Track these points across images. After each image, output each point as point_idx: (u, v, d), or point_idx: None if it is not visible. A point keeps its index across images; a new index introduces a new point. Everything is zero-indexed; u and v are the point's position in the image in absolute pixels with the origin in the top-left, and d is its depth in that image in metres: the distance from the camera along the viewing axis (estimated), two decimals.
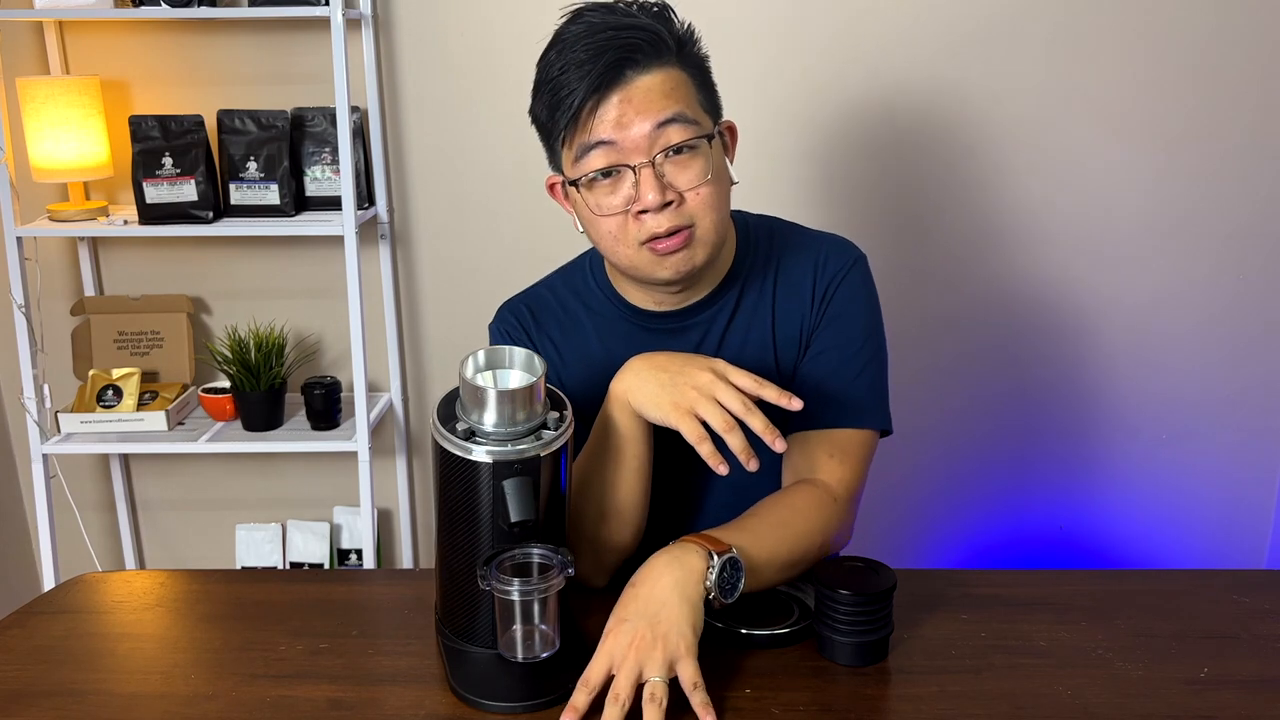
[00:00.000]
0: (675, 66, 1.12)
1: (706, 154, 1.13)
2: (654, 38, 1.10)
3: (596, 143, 1.11)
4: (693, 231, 1.13)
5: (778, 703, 0.98)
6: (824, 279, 1.25)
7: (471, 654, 1.02)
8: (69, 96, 2.01)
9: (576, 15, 1.13)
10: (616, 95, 1.10)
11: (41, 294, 2.13)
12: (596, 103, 1.10)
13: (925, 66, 2.08)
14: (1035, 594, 1.18)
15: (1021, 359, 2.24)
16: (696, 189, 1.12)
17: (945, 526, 2.35)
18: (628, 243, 1.14)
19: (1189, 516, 2.31)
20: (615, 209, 1.13)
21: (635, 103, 1.09)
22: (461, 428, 0.96)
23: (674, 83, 1.11)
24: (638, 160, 1.10)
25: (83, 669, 1.07)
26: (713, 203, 1.13)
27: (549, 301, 1.31)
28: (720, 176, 1.14)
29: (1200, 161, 2.12)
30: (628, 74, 1.10)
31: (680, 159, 1.11)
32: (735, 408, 1.04)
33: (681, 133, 1.11)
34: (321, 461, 2.33)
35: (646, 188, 1.10)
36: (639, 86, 1.10)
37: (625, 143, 1.10)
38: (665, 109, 1.10)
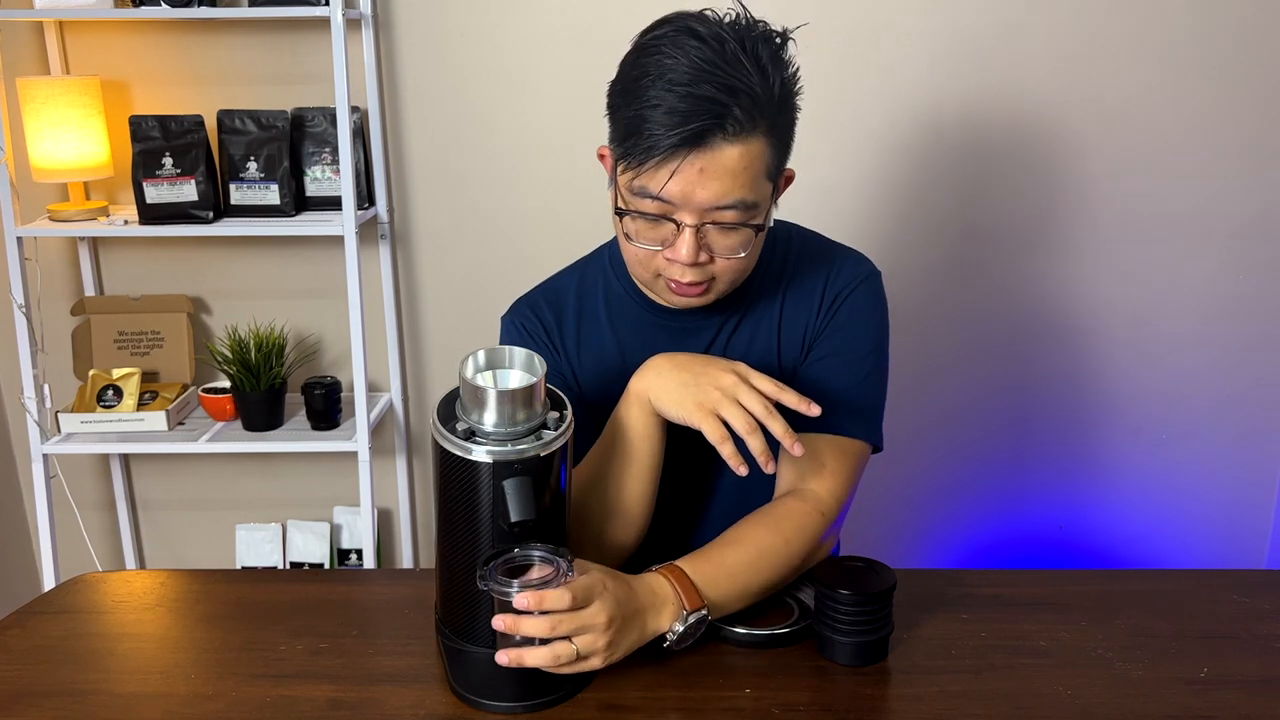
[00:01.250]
0: (762, 136, 1.07)
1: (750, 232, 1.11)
2: (753, 103, 1.04)
3: (656, 196, 1.08)
4: (712, 284, 1.15)
5: (778, 703, 0.98)
6: (834, 288, 1.25)
7: (471, 654, 1.02)
8: (69, 96, 2.01)
9: (685, 37, 1.05)
10: (697, 161, 1.05)
11: (42, 294, 2.13)
12: (672, 158, 1.06)
13: (925, 68, 2.08)
14: (1035, 594, 1.18)
15: (1021, 359, 2.24)
16: (731, 259, 1.12)
17: (945, 526, 2.35)
18: (648, 269, 1.15)
19: (1189, 516, 2.31)
20: (650, 244, 1.13)
21: (708, 173, 1.05)
22: (461, 428, 0.96)
23: (751, 157, 1.06)
24: (685, 220, 1.09)
25: (83, 669, 1.07)
26: (741, 267, 1.14)
27: (567, 296, 1.30)
28: (762, 239, 1.14)
29: (1200, 161, 2.12)
30: (714, 142, 1.04)
31: (725, 229, 1.10)
32: (758, 410, 1.04)
33: (735, 217, 1.09)
34: (321, 461, 2.33)
35: (683, 246, 1.10)
36: (719, 158, 1.05)
37: (683, 205, 1.08)
38: (731, 192, 1.06)
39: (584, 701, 0.99)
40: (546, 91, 2.12)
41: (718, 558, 1.10)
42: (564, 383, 1.28)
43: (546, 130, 2.14)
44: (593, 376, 1.27)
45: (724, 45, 1.04)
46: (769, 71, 1.06)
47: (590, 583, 0.99)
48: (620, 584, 1.02)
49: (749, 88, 1.04)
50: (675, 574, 1.07)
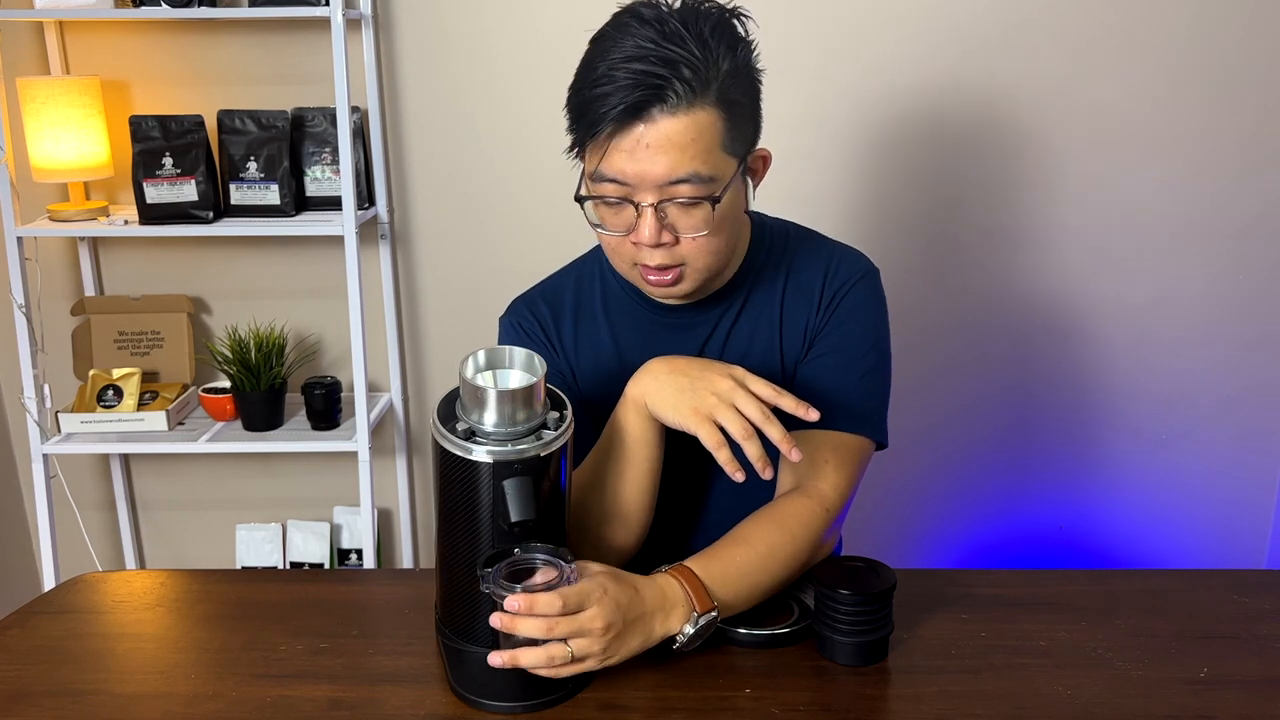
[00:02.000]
0: (709, 107, 1.07)
1: (718, 205, 1.11)
2: (695, 74, 1.05)
3: (610, 178, 1.10)
4: (683, 270, 1.15)
5: (778, 703, 0.98)
6: (833, 284, 1.25)
7: (471, 654, 1.02)
8: (69, 96, 2.01)
9: (628, 18, 1.09)
10: (637, 135, 1.06)
11: (42, 294, 2.13)
12: (616, 132, 1.07)
13: (926, 68, 2.08)
14: (1035, 594, 1.18)
15: (1021, 359, 2.24)
16: (694, 237, 1.12)
17: (945, 526, 2.35)
18: (622, 259, 1.17)
19: (1189, 516, 2.31)
20: (616, 230, 1.14)
21: (654, 148, 1.07)
22: (461, 428, 0.96)
23: (699, 129, 1.07)
24: (643, 200, 1.09)
25: (83, 669, 1.07)
26: (708, 249, 1.13)
27: (564, 295, 1.30)
28: (724, 222, 1.13)
29: (1201, 162, 2.12)
30: (654, 114, 1.05)
31: (685, 206, 1.10)
32: (755, 416, 1.04)
33: (690, 191, 1.09)
34: (321, 461, 2.33)
35: (644, 226, 1.10)
36: (661, 130, 1.06)
37: (636, 183, 1.09)
38: (679, 166, 1.07)
39: (584, 701, 0.99)
40: (546, 91, 2.12)
41: (726, 556, 1.10)
42: (563, 381, 1.28)
43: (546, 130, 2.12)
44: (591, 375, 1.27)
45: (664, 25, 1.07)
46: (712, 45, 1.07)
47: (588, 588, 0.99)
48: (624, 587, 1.02)
49: (690, 60, 1.05)
50: (685, 575, 1.06)
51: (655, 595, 1.04)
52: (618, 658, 1.00)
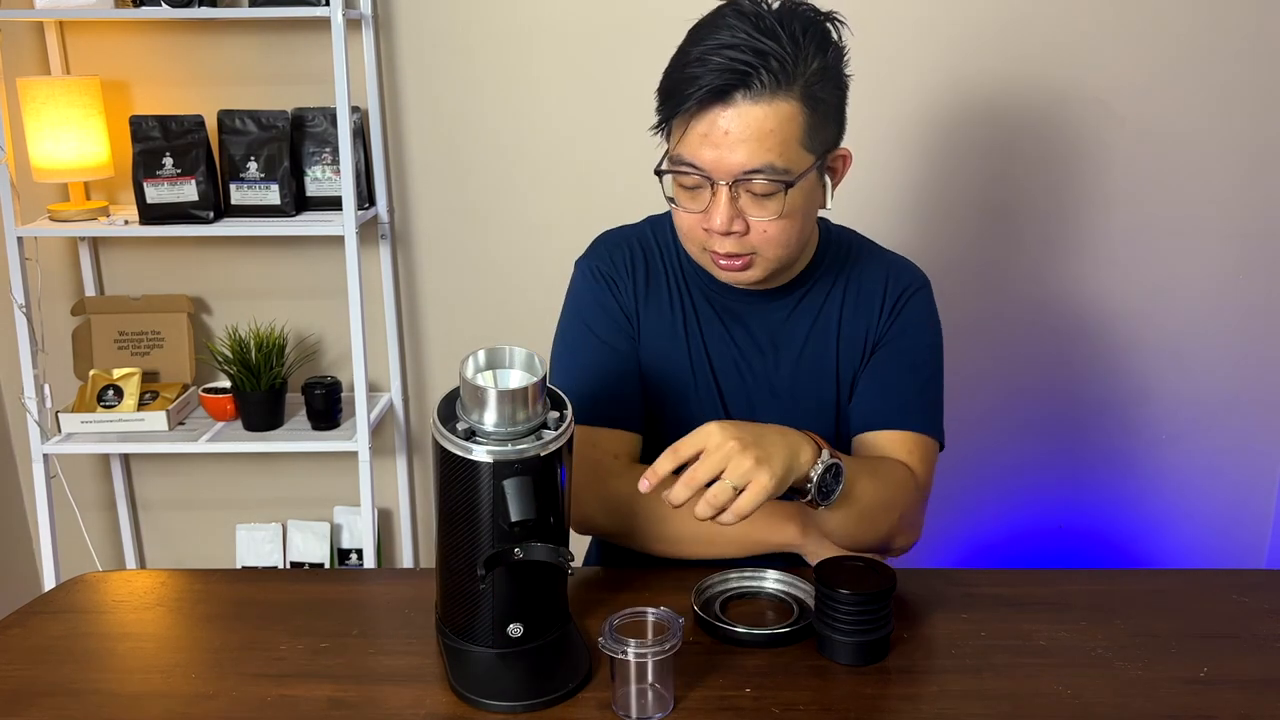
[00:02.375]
0: (792, 100, 1.10)
1: (791, 195, 1.13)
2: (782, 66, 1.08)
3: (687, 161, 1.13)
4: (753, 258, 1.17)
5: (778, 703, 0.98)
6: (895, 291, 1.29)
7: (471, 654, 1.02)
8: (69, 96, 2.01)
9: (727, 10, 1.12)
10: (721, 118, 1.10)
11: (42, 294, 2.13)
12: (698, 113, 1.11)
13: (925, 69, 2.08)
14: (1035, 594, 1.18)
15: (1020, 359, 2.24)
16: (765, 225, 1.14)
17: (945, 526, 2.35)
18: (694, 241, 1.19)
19: (1189, 516, 2.31)
20: (691, 210, 1.16)
21: (734, 134, 1.10)
22: (462, 428, 0.96)
23: (779, 119, 1.10)
24: (720, 180, 1.12)
25: (83, 669, 1.07)
26: (780, 239, 1.16)
27: (650, 246, 1.32)
28: (797, 212, 1.15)
29: (1202, 161, 2.12)
30: (737, 99, 1.09)
31: (759, 195, 1.13)
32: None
33: (764, 184, 1.12)
34: (322, 461, 2.33)
35: (716, 211, 1.13)
36: (743, 116, 1.09)
37: (712, 170, 1.12)
38: (757, 155, 1.10)
39: (584, 701, 0.99)
40: (547, 91, 2.12)
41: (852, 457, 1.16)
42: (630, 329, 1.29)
43: (547, 130, 2.14)
44: (649, 334, 1.30)
45: (760, 20, 1.10)
46: (803, 43, 1.10)
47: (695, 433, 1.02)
48: (736, 423, 1.04)
49: (779, 54, 1.08)
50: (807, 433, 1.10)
51: (770, 429, 1.06)
52: (778, 466, 1.02)
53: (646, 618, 0.99)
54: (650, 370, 1.28)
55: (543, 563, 0.98)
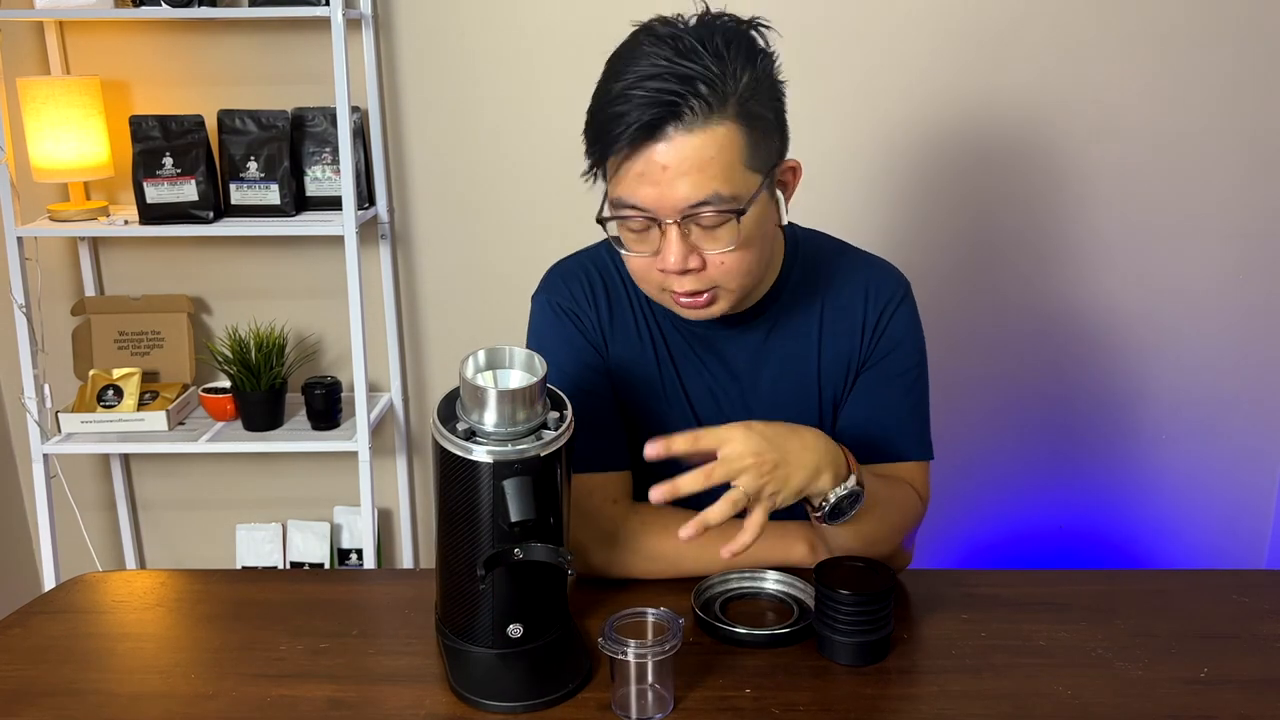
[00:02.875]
0: (728, 122, 1.04)
1: (736, 225, 1.07)
2: (712, 90, 1.02)
3: (629, 204, 1.08)
4: (715, 293, 1.12)
5: (778, 703, 0.98)
6: (876, 306, 1.24)
7: (471, 654, 1.02)
8: (69, 96, 2.01)
9: (643, 37, 1.06)
10: (656, 154, 1.04)
11: (42, 294, 2.13)
12: (632, 154, 1.05)
13: (924, 70, 2.08)
14: (1035, 594, 1.18)
15: (1020, 359, 2.24)
16: (721, 257, 1.08)
17: (945, 526, 2.35)
18: (650, 283, 1.14)
19: (1189, 516, 2.31)
20: (641, 252, 1.11)
21: (672, 169, 1.04)
22: (462, 428, 0.96)
23: (718, 145, 1.03)
24: (666, 219, 1.06)
25: (83, 669, 1.07)
26: (738, 269, 1.10)
27: (609, 271, 1.27)
28: (753, 237, 1.09)
29: (1201, 162, 2.12)
30: (670, 133, 1.03)
31: (709, 228, 1.07)
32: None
33: (713, 211, 1.06)
34: (322, 461, 2.33)
35: (669, 250, 1.07)
36: (678, 149, 1.03)
37: (657, 208, 1.06)
38: (700, 187, 1.04)
39: (584, 701, 0.99)
40: (547, 91, 2.12)
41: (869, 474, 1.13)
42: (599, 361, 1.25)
43: (547, 130, 2.14)
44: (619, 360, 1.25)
45: (679, 41, 1.04)
46: (728, 59, 1.04)
47: (726, 429, 1.01)
48: (765, 422, 1.04)
49: (705, 76, 1.02)
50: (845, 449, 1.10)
51: (808, 435, 1.06)
52: (794, 486, 1.03)
53: (646, 618, 0.99)
54: (624, 402, 1.24)
55: (543, 563, 0.98)
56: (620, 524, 1.19)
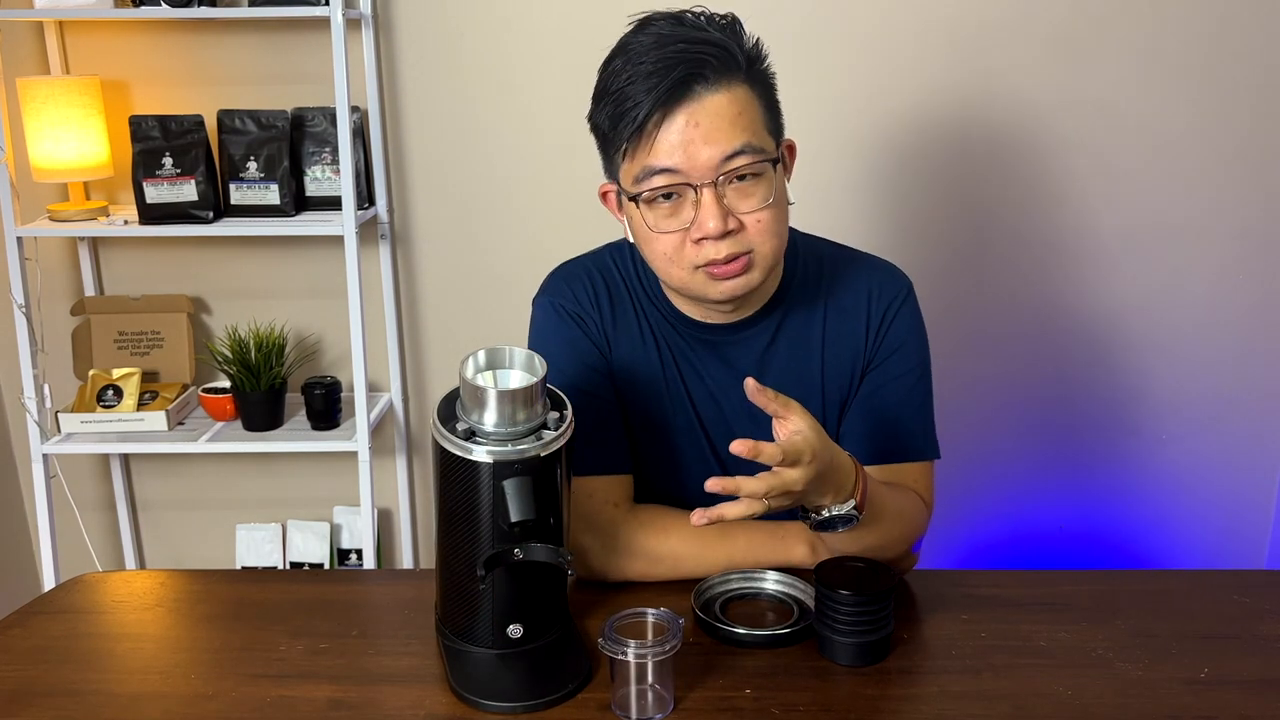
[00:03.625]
0: (744, 85, 1.08)
1: (770, 179, 1.10)
2: (724, 53, 1.06)
3: (661, 169, 1.08)
4: (751, 257, 1.12)
5: (778, 703, 0.98)
6: (879, 308, 1.24)
7: (471, 654, 1.02)
8: (69, 96, 2.01)
9: (644, 25, 1.10)
10: (684, 114, 1.06)
11: (41, 294, 2.13)
12: (662, 118, 1.06)
13: (921, 69, 2.08)
14: (1035, 594, 1.18)
15: (1020, 359, 2.24)
16: (757, 215, 1.09)
17: (945, 527, 2.34)
18: (683, 264, 1.12)
19: (1189, 516, 2.31)
20: (673, 229, 1.11)
21: (703, 126, 1.06)
22: (462, 428, 0.96)
23: (742, 104, 1.07)
24: (700, 182, 1.07)
25: (83, 669, 1.07)
26: (773, 229, 1.11)
27: (611, 273, 1.27)
28: (781, 200, 1.12)
29: (1200, 163, 2.12)
30: (697, 90, 1.06)
31: (743, 185, 1.09)
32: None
33: (748, 161, 1.07)
34: (321, 461, 2.33)
35: (708, 214, 1.08)
36: (707, 107, 1.06)
37: (690, 169, 1.07)
38: (734, 138, 1.06)
39: (584, 702, 0.99)
40: (546, 91, 2.12)
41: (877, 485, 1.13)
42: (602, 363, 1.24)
43: (547, 130, 2.14)
44: (621, 366, 1.25)
45: (681, 19, 1.09)
46: (730, 31, 1.10)
47: (801, 446, 1.00)
48: (825, 447, 1.03)
49: (718, 39, 1.07)
50: (859, 469, 1.09)
51: (843, 467, 1.06)
52: (810, 500, 1.05)
53: (646, 618, 0.99)
54: (627, 405, 1.24)
55: (542, 563, 0.98)
56: (620, 527, 1.19)
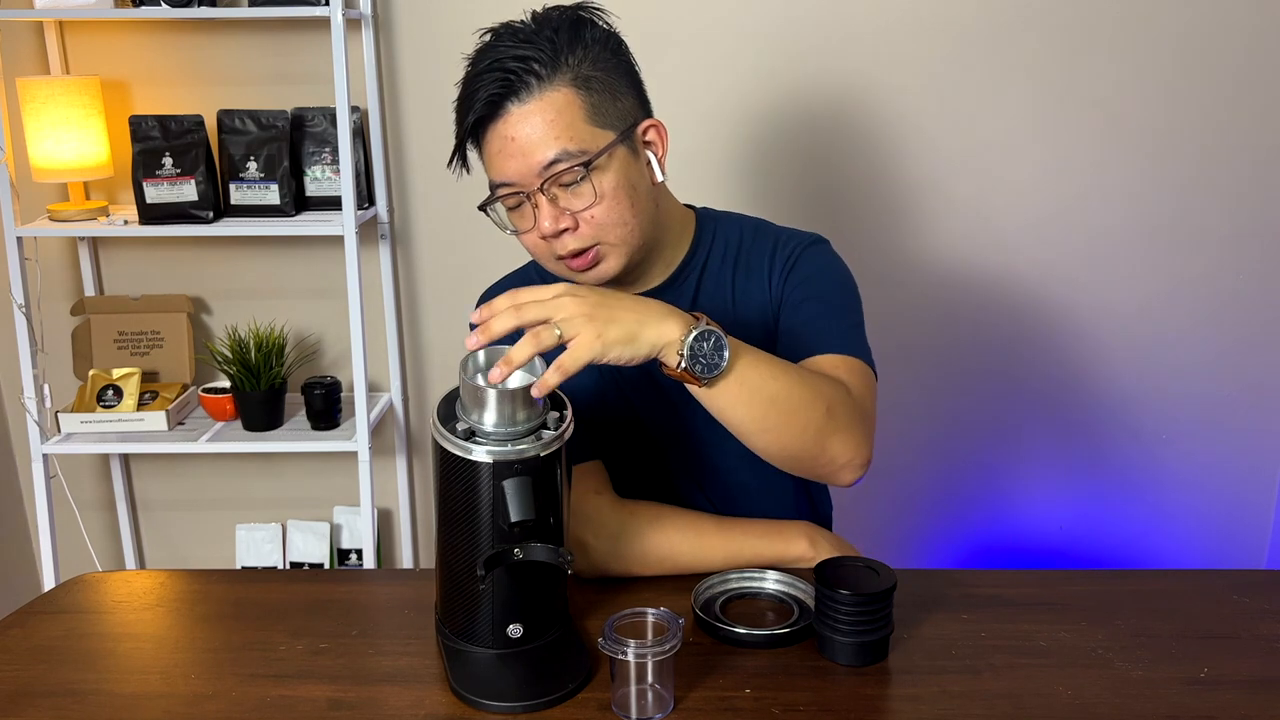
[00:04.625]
0: (564, 88, 1.12)
1: (599, 174, 1.14)
2: (540, 65, 1.12)
3: (499, 183, 1.16)
4: (599, 249, 1.17)
5: (778, 703, 0.98)
6: (782, 257, 1.27)
7: (471, 654, 1.02)
8: (69, 96, 2.01)
9: (486, 40, 1.17)
10: (497, 131, 1.14)
11: (41, 294, 2.13)
12: (480, 138, 1.15)
13: (917, 66, 2.08)
14: (1035, 594, 1.18)
15: (1022, 360, 2.24)
16: (588, 212, 1.15)
17: (946, 526, 2.35)
18: (545, 257, 1.21)
19: (1189, 516, 2.31)
20: (529, 229, 1.18)
21: (518, 140, 1.13)
22: (461, 428, 0.96)
23: (555, 109, 1.12)
24: (530, 189, 1.14)
25: (83, 669, 1.07)
26: (609, 220, 1.16)
27: (534, 281, 1.34)
28: (619, 189, 1.15)
29: (1199, 161, 2.12)
30: (508, 108, 1.13)
31: (571, 185, 1.14)
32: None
33: (565, 168, 1.13)
34: (321, 461, 2.33)
35: (542, 217, 1.15)
36: (519, 121, 1.12)
37: (518, 179, 1.14)
38: (545, 148, 1.12)
39: (584, 701, 0.99)
40: None
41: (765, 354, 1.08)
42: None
43: None
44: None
45: (516, 33, 1.14)
46: (557, 40, 1.13)
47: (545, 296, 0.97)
48: (603, 290, 1.03)
49: (536, 51, 1.12)
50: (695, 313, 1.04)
51: (640, 299, 1.02)
52: (612, 332, 0.97)
53: (646, 618, 0.99)
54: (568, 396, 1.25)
55: (542, 563, 0.98)
56: (610, 518, 1.20)
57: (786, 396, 1.06)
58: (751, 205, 1.96)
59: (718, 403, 1.05)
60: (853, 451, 1.11)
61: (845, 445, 1.10)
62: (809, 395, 1.07)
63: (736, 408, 1.05)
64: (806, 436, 1.08)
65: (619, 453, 1.27)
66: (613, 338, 0.97)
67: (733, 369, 1.03)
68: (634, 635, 0.97)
